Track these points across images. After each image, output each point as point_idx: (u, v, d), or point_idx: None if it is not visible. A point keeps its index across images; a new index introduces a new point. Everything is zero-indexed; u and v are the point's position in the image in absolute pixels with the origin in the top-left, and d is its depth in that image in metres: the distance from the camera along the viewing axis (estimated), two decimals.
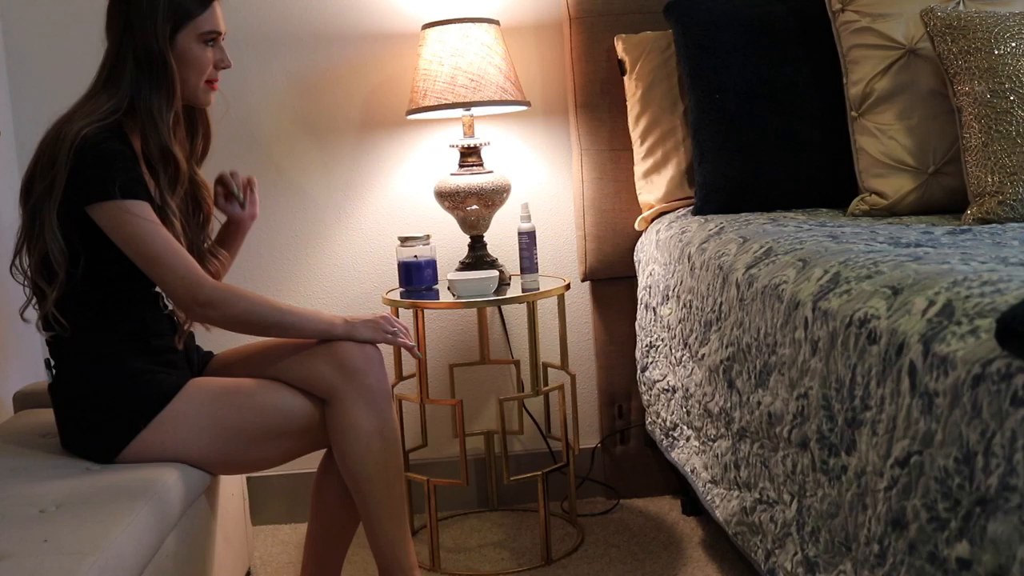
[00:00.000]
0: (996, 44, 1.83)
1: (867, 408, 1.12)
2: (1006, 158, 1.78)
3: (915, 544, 0.99)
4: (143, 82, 1.63)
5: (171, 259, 1.57)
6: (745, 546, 1.57)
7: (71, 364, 1.64)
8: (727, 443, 1.67)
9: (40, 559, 1.22)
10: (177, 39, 1.65)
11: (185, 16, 1.65)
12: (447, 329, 2.57)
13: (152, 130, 1.63)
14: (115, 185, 1.54)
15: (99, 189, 1.54)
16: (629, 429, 2.54)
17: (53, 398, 1.68)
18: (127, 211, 1.55)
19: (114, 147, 1.58)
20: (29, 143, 2.43)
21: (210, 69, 1.71)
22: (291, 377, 1.69)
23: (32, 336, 2.43)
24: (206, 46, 1.69)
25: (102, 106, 1.62)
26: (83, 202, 1.56)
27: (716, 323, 1.72)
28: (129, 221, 1.56)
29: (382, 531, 1.69)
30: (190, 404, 1.62)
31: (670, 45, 2.31)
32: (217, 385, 1.68)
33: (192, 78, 1.69)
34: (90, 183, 1.55)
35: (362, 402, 1.66)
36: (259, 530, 2.47)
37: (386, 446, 1.68)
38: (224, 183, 1.89)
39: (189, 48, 1.67)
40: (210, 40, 1.69)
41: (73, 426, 1.65)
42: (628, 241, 2.44)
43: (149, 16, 1.62)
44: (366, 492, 1.68)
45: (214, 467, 1.70)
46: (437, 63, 2.24)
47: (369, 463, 1.66)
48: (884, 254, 1.35)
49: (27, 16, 2.41)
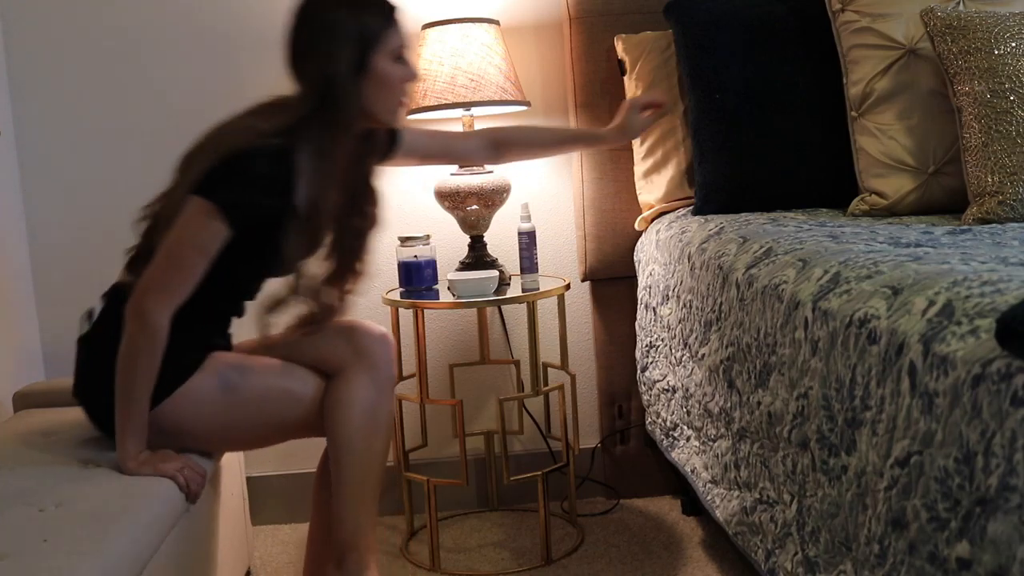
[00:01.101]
0: (996, 44, 1.83)
1: (867, 408, 1.12)
2: (1006, 158, 1.78)
3: (915, 544, 0.99)
4: (318, 114, 1.58)
5: (176, 270, 1.54)
6: (745, 546, 1.57)
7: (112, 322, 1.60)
8: (727, 443, 1.67)
9: (40, 559, 1.22)
10: (370, 63, 1.61)
11: (373, 37, 1.61)
12: (447, 329, 2.58)
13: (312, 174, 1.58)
14: (225, 198, 1.52)
15: (211, 187, 1.52)
16: (629, 429, 2.54)
17: (81, 350, 1.66)
18: (205, 221, 1.52)
19: (262, 171, 1.54)
20: (29, 143, 2.45)
21: (402, 86, 1.67)
22: (304, 356, 1.71)
23: (32, 336, 2.43)
24: (397, 63, 1.65)
25: (278, 120, 1.58)
26: (191, 187, 1.53)
27: (716, 323, 1.72)
28: (197, 226, 1.53)
29: (350, 506, 1.67)
30: (207, 378, 1.62)
31: (670, 45, 2.31)
32: (233, 361, 1.68)
33: (387, 99, 1.65)
34: (211, 179, 1.53)
35: (367, 379, 1.68)
36: (259, 530, 2.47)
37: (376, 424, 1.68)
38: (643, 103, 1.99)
39: (382, 69, 1.62)
40: (400, 56, 1.65)
41: (93, 384, 1.63)
42: (628, 241, 2.44)
43: (344, 43, 1.58)
44: (345, 463, 1.67)
45: (216, 445, 1.72)
46: (437, 63, 2.24)
47: (356, 433, 1.66)
48: (884, 254, 1.35)
49: (27, 16, 2.41)
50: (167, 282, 1.53)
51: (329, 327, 1.74)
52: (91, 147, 2.45)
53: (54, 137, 2.44)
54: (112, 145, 2.46)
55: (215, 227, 1.53)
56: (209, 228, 1.53)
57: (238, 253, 1.57)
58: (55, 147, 2.44)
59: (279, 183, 1.55)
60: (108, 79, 2.44)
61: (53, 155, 2.45)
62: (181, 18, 2.44)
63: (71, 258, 2.44)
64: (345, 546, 1.67)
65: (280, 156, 1.55)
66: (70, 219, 2.46)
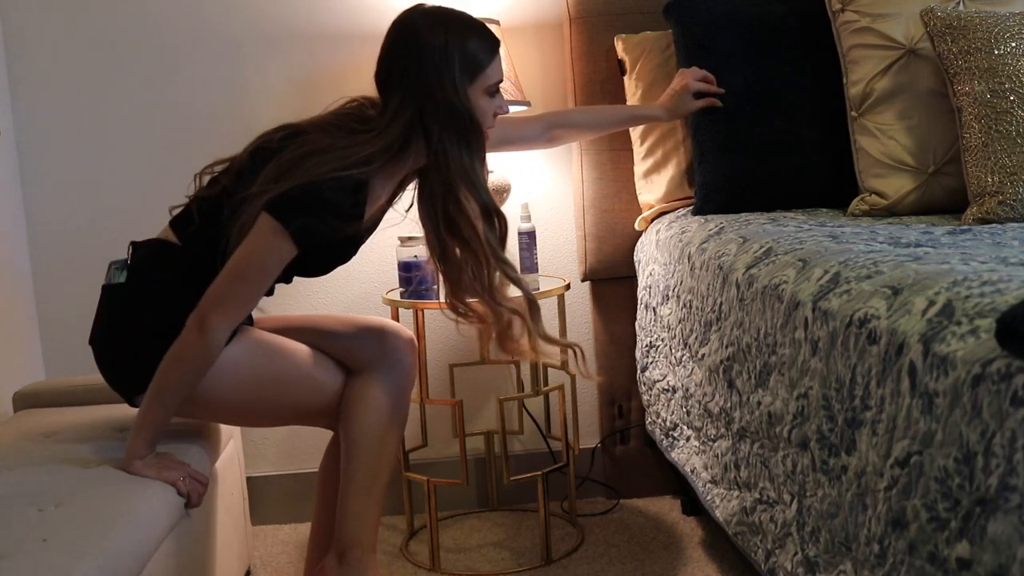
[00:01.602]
0: (996, 44, 1.83)
1: (867, 408, 1.12)
2: (1006, 158, 1.78)
3: (915, 544, 0.99)
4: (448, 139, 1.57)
5: (242, 288, 1.53)
6: (745, 546, 1.57)
7: (154, 276, 1.61)
8: (727, 443, 1.67)
9: (40, 558, 1.22)
10: (469, 93, 1.59)
11: (477, 69, 1.59)
12: (447, 329, 2.57)
13: (472, 191, 1.59)
14: (298, 224, 1.50)
15: (287, 211, 1.50)
16: (629, 429, 2.54)
17: (109, 301, 1.64)
18: (275, 244, 1.51)
19: (340, 199, 1.53)
20: (29, 143, 2.45)
21: (491, 120, 1.66)
22: (331, 348, 1.74)
23: (32, 336, 2.43)
24: (491, 97, 1.64)
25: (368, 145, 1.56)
26: (268, 205, 1.51)
27: (716, 323, 1.72)
28: (267, 248, 1.52)
29: (357, 502, 1.68)
30: (237, 350, 1.61)
31: (670, 45, 2.31)
32: (266, 340, 1.68)
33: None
34: (289, 201, 1.51)
35: (390, 379, 1.71)
36: (259, 530, 2.47)
37: (391, 427, 1.71)
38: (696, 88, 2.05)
39: (477, 102, 1.61)
40: (495, 91, 1.64)
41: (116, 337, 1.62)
42: (628, 241, 2.44)
43: (446, 71, 1.56)
44: (357, 458, 1.68)
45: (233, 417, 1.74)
46: None
47: (371, 431, 1.68)
48: (884, 254, 1.35)
49: (27, 16, 2.41)
50: (233, 300, 1.54)
51: (360, 325, 1.78)
52: (91, 147, 2.45)
53: (54, 137, 2.44)
54: (112, 145, 2.46)
55: (285, 249, 1.52)
56: (279, 251, 1.52)
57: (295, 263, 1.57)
58: (55, 147, 2.44)
59: (353, 214, 1.56)
60: (108, 79, 2.44)
61: (53, 155, 2.45)
62: (181, 17, 2.44)
63: (71, 258, 2.44)
64: (349, 542, 1.68)
65: (358, 188, 1.56)
66: (70, 219, 2.45)
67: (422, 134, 1.58)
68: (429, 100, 1.57)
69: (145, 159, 2.42)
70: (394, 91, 1.60)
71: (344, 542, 1.68)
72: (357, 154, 1.55)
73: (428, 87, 1.57)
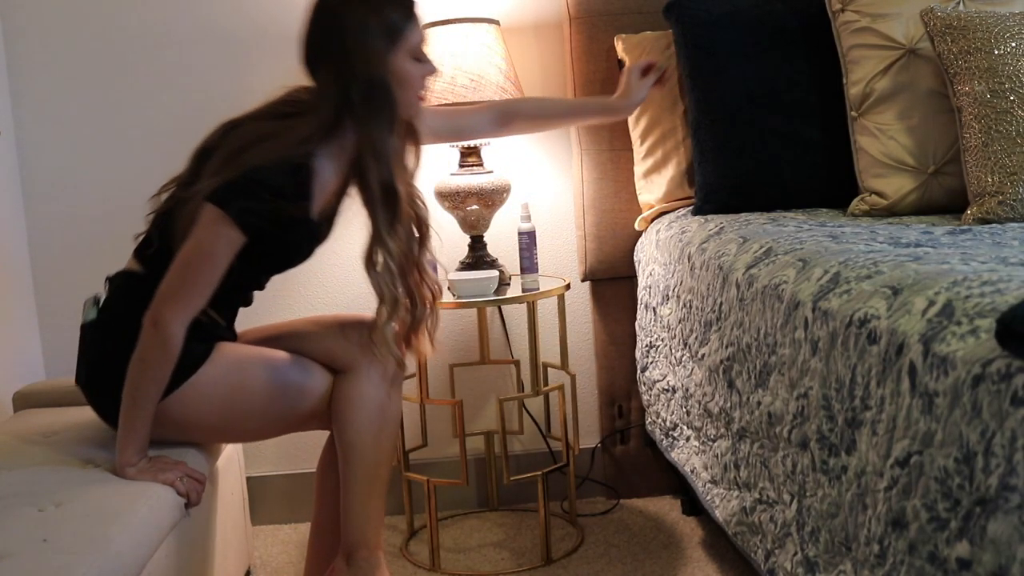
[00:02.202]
0: (996, 44, 1.83)
1: (867, 408, 1.12)
2: (1006, 158, 1.78)
3: (915, 544, 0.99)
4: (362, 113, 1.57)
5: (192, 281, 1.53)
6: (745, 546, 1.57)
7: (122, 309, 1.61)
8: (727, 443, 1.67)
9: (40, 559, 1.22)
10: (392, 60, 1.60)
11: (397, 34, 1.59)
12: (447, 329, 2.57)
13: (375, 163, 1.59)
14: (239, 207, 1.51)
15: (228, 198, 1.51)
16: (629, 429, 2.54)
17: (85, 339, 1.65)
18: (221, 231, 1.52)
19: (281, 181, 1.53)
20: (29, 143, 2.45)
21: (422, 82, 1.67)
22: (314, 350, 1.72)
23: (32, 336, 2.43)
24: (418, 61, 1.64)
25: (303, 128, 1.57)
26: (209, 195, 1.52)
27: (716, 323, 1.72)
28: (213, 237, 1.52)
29: (359, 504, 1.68)
30: (215, 370, 1.62)
31: (670, 45, 2.31)
32: (243, 353, 1.68)
33: (407, 97, 1.64)
34: (229, 190, 1.52)
35: (376, 377, 1.69)
36: (259, 530, 2.47)
37: (384, 424, 1.70)
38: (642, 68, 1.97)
39: (403, 67, 1.62)
40: (420, 55, 1.65)
41: (99, 373, 1.62)
42: (628, 241, 2.44)
43: (366, 43, 1.57)
44: (354, 461, 1.68)
45: (222, 435, 1.73)
46: (437, 63, 2.23)
47: (365, 433, 1.68)
48: (884, 254, 1.35)
49: (27, 16, 2.41)
50: (184, 293, 1.53)
51: (339, 322, 1.76)
52: (91, 147, 2.45)
53: (54, 137, 2.44)
54: (112, 145, 2.46)
55: (231, 236, 1.52)
56: (225, 238, 1.52)
57: (251, 254, 1.57)
58: (55, 147, 2.44)
59: (297, 194, 1.56)
60: (108, 79, 2.44)
61: (53, 155, 2.45)
62: (182, 17, 2.44)
63: (71, 258, 2.44)
64: (355, 543, 1.69)
65: (298, 169, 1.56)
66: (70, 219, 2.45)
67: (349, 110, 1.58)
68: (352, 75, 1.58)
69: (145, 159, 2.42)
70: (320, 71, 1.61)
71: (350, 543, 1.69)
72: (293, 137, 1.56)
73: (350, 62, 1.57)
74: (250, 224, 1.53)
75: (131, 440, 1.54)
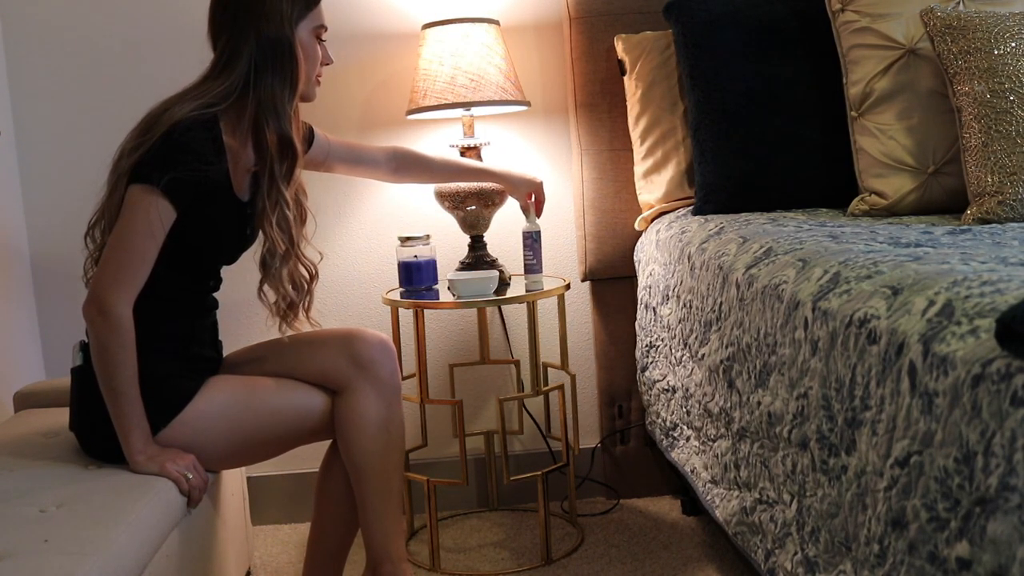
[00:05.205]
0: (996, 44, 1.83)
1: (867, 408, 1.13)
2: (1006, 158, 1.78)
3: (915, 544, 0.99)
4: (266, 70, 1.61)
5: (128, 258, 1.53)
6: (745, 546, 1.57)
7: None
8: (727, 443, 1.67)
9: (40, 559, 1.22)
10: (300, 29, 1.65)
11: (305, 7, 1.65)
12: (447, 329, 2.58)
13: (273, 117, 1.62)
14: (165, 176, 1.52)
15: (149, 171, 1.52)
16: (629, 429, 2.54)
17: (75, 383, 1.66)
18: (150, 203, 1.52)
19: (197, 140, 1.55)
20: (29, 143, 2.45)
21: (319, 64, 1.71)
22: (306, 372, 1.72)
23: (32, 336, 2.43)
24: (317, 41, 1.70)
25: (211, 91, 1.60)
26: (131, 174, 1.54)
27: (716, 323, 1.72)
28: (143, 211, 1.53)
29: (377, 521, 1.70)
30: (209, 406, 1.63)
31: (670, 45, 2.31)
32: (236, 385, 1.68)
33: (308, 71, 1.69)
34: (150, 164, 1.53)
35: (374, 394, 1.69)
36: (259, 530, 2.47)
37: (390, 439, 1.71)
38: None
39: (309, 41, 1.67)
40: (320, 35, 1.70)
41: (88, 419, 1.62)
42: (628, 241, 2.45)
43: (276, 3, 1.61)
44: (366, 481, 1.69)
45: (223, 465, 1.73)
46: (437, 63, 2.24)
47: (372, 453, 1.68)
48: (884, 254, 1.36)
49: (27, 16, 2.41)
50: (123, 274, 1.52)
51: (325, 337, 1.75)
52: (91, 147, 2.45)
53: (54, 137, 2.44)
54: (112, 145, 2.44)
55: (160, 206, 1.53)
56: (155, 209, 1.52)
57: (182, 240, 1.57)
58: (55, 147, 2.44)
59: (214, 150, 1.58)
60: (108, 79, 2.44)
61: (53, 155, 2.45)
62: (183, 18, 2.44)
63: (71, 258, 2.43)
64: (378, 558, 1.70)
65: (209, 125, 1.58)
66: (70, 219, 2.45)
67: (254, 69, 1.61)
68: (261, 32, 1.61)
69: None
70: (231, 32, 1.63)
71: (374, 559, 1.71)
72: (201, 98, 1.58)
73: (262, 20, 1.61)
74: (177, 193, 1.53)
75: (129, 428, 1.54)
